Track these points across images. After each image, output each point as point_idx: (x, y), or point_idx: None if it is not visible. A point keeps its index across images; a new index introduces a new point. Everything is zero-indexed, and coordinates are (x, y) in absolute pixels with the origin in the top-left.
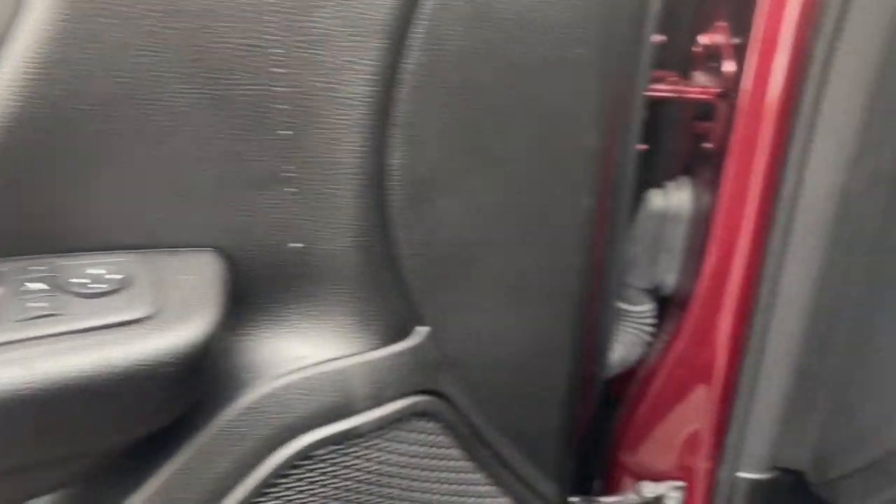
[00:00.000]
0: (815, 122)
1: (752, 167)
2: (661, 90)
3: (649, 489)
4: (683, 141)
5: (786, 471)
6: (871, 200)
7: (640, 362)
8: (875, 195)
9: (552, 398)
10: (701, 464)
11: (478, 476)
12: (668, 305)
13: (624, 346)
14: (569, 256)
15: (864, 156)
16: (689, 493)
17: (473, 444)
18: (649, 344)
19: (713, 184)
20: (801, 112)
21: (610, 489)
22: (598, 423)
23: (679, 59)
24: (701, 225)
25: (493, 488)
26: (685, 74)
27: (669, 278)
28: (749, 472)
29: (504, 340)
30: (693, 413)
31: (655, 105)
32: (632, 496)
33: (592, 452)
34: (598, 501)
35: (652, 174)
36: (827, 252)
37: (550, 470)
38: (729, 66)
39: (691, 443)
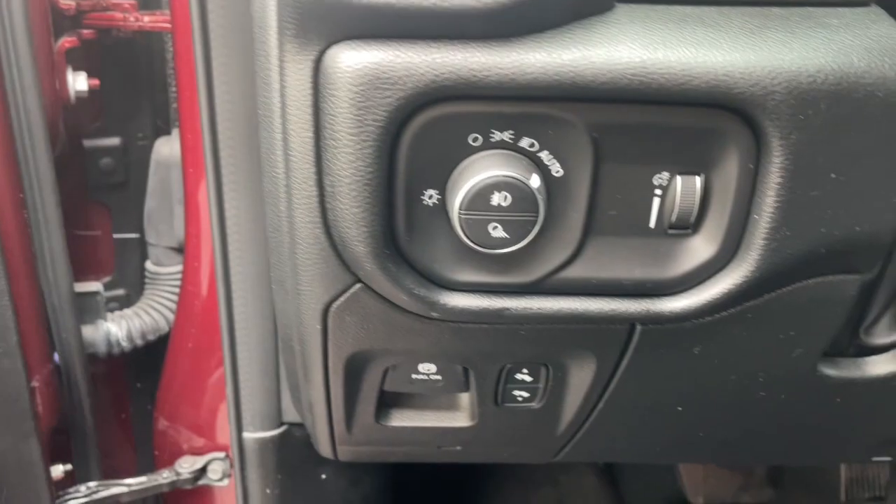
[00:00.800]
0: (210, 60)
1: (190, 103)
2: (103, 19)
3: (187, 465)
4: None
5: (295, 425)
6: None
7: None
8: None
9: None
10: (231, 431)
11: None
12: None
13: (157, 313)
14: None
15: None
16: (230, 462)
17: None
18: None
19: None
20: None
21: (159, 467)
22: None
23: None
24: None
25: None
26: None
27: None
28: (255, 431)
29: None
30: (215, 378)
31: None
32: (165, 474)
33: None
34: (119, 484)
35: (164, 117)
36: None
37: None
38: None
39: (220, 410)
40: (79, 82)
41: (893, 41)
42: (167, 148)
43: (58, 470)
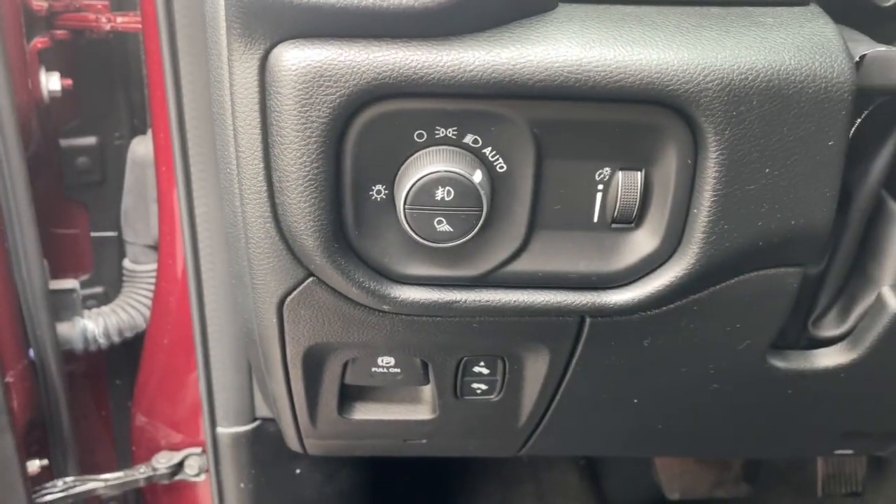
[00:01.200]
0: (178, 60)
1: (162, 103)
2: (75, 20)
3: (163, 460)
4: None
5: (268, 420)
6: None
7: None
8: None
9: None
10: (205, 426)
11: None
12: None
13: (134, 310)
14: None
15: None
16: (206, 456)
17: None
18: None
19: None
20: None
21: (137, 463)
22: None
23: None
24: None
25: None
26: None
27: None
28: (229, 426)
29: None
30: (190, 374)
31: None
32: (142, 469)
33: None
34: (96, 479)
35: (140, 117)
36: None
37: None
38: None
39: (196, 406)
40: (52, 82)
41: (825, 39)
42: (143, 147)
43: (34, 465)
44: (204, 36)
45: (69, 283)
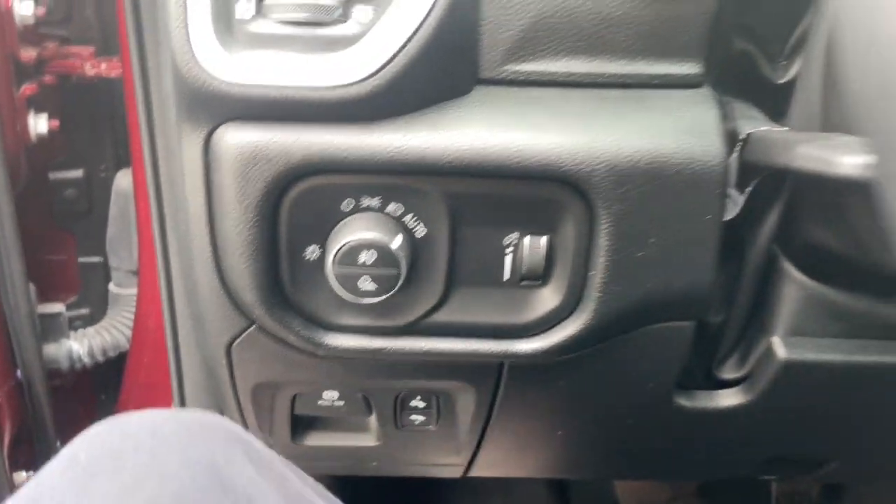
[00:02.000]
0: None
1: (137, 142)
2: (63, 66)
3: None
4: None
5: None
6: None
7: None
8: None
9: None
10: None
11: None
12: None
13: (117, 331)
14: None
15: None
16: None
17: None
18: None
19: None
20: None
21: None
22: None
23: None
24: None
25: None
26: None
27: None
28: None
29: None
30: (168, 391)
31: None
32: None
33: None
34: None
35: (125, 150)
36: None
37: None
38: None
39: None
40: (40, 125)
41: (706, 124)
42: (126, 180)
43: (21, 476)
44: None
45: (56, 308)
